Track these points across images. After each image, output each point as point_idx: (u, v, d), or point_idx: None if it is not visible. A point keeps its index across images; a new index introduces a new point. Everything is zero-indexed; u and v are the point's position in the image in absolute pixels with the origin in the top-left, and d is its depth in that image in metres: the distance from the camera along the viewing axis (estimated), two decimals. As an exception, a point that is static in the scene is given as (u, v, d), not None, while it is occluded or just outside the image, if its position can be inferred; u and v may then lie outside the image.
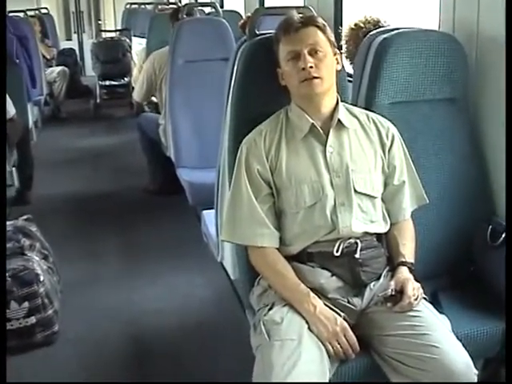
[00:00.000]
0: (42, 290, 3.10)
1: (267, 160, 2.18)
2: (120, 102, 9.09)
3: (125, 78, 8.92)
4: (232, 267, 2.66)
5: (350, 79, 2.62)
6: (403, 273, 2.12)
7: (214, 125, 2.95)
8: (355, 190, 2.16)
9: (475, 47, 2.60)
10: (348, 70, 2.67)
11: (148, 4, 10.23)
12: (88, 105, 9.23)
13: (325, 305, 2.06)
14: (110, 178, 6.02)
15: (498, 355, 2.23)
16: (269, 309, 2.09)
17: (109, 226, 4.75)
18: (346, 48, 3.03)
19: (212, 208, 3.01)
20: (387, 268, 2.20)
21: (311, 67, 2.12)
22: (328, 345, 1.97)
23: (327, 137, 2.19)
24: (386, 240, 2.27)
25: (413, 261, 2.19)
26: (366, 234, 2.18)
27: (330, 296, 2.11)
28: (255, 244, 2.18)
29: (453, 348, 1.92)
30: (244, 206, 2.18)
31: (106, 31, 11.30)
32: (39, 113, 7.99)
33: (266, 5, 5.90)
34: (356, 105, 2.44)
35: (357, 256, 2.12)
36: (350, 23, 3.04)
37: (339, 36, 3.19)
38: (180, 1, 9.50)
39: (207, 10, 5.84)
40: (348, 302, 2.12)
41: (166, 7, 7.63)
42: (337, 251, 2.13)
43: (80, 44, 13.19)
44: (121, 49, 8.87)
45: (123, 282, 3.80)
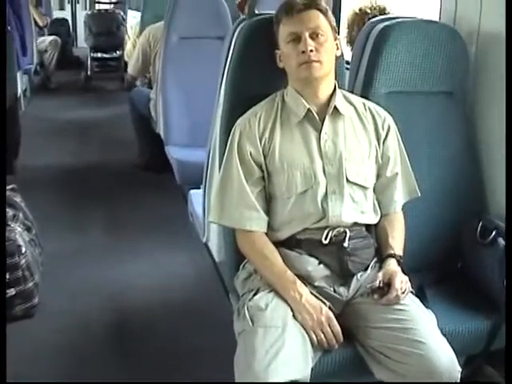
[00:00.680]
0: (23, 262, 3.07)
1: (260, 143, 2.15)
2: (111, 75, 9.05)
3: (117, 52, 8.86)
4: (217, 249, 2.64)
5: (348, 66, 2.58)
6: (391, 265, 2.10)
7: (206, 104, 2.92)
8: (347, 180, 2.14)
9: (475, 41, 2.57)
10: (347, 57, 2.64)
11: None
12: (79, 76, 9.15)
13: (311, 293, 2.04)
14: (98, 151, 5.99)
15: (482, 352, 2.22)
16: (253, 294, 2.07)
17: (95, 200, 4.71)
18: (348, 33, 3.00)
19: (199, 188, 2.98)
20: (375, 259, 2.18)
21: (311, 51, 2.09)
22: (312, 333, 1.95)
23: (322, 123, 2.16)
24: (376, 231, 2.25)
25: (401, 253, 2.17)
26: (356, 224, 2.16)
27: (317, 284, 2.09)
28: (243, 227, 2.15)
29: (438, 344, 1.90)
30: (234, 188, 2.15)
31: (101, 3, 11.19)
32: (28, 82, 7.93)
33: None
34: (352, 92, 2.41)
35: (345, 245, 2.10)
36: (354, 8, 3.01)
37: (338, 21, 3.16)
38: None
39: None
40: (334, 291, 2.10)
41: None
42: (325, 239, 2.11)
43: (73, 14, 13.08)
44: (115, 22, 8.81)
45: (106, 257, 3.77)
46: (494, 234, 2.29)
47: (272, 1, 2.44)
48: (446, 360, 1.87)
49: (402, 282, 2.04)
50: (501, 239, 2.26)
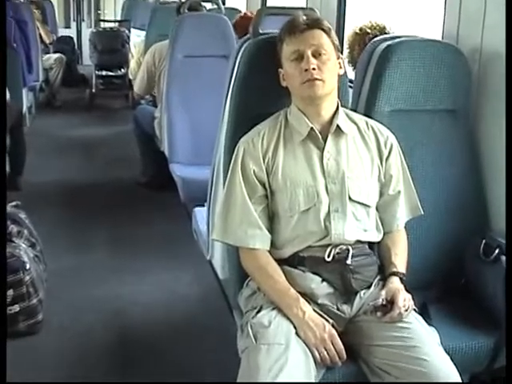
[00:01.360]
0: (28, 279, 3.07)
1: (264, 161, 2.16)
2: (116, 93, 9.06)
3: (122, 69, 8.87)
4: (221, 267, 2.64)
5: (351, 85, 2.60)
6: (394, 283, 2.10)
7: (210, 122, 2.93)
8: (350, 198, 2.14)
9: (478, 60, 2.59)
10: (350, 75, 2.65)
11: (149, -4, 10.19)
12: (83, 94, 9.18)
13: (314, 310, 2.04)
14: (102, 169, 5.99)
15: (485, 370, 2.22)
16: (257, 311, 2.07)
17: (98, 217, 4.71)
18: (349, 53, 3.01)
19: (203, 205, 2.99)
20: (378, 277, 2.18)
21: (314, 69, 2.10)
22: (315, 351, 1.95)
23: (325, 142, 2.18)
24: (379, 249, 2.26)
25: (404, 271, 2.17)
26: (359, 242, 2.16)
27: (320, 302, 2.09)
28: (247, 245, 2.16)
29: (441, 362, 1.90)
30: (237, 206, 2.16)
31: (106, 21, 11.23)
32: (34, 99, 7.95)
33: (268, 4, 5.88)
34: (356, 111, 2.42)
35: (348, 262, 2.11)
36: (355, 28, 3.02)
37: (342, 40, 3.18)
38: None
39: (209, 7, 5.81)
40: (337, 309, 2.10)
41: (168, 0, 7.58)
42: (328, 256, 2.11)
43: (78, 32, 13.15)
44: (120, 39, 8.82)
45: (110, 275, 3.77)
46: (497, 252, 2.30)
47: (275, 21, 2.46)
48: (450, 377, 1.87)
49: (405, 300, 2.04)
50: (504, 257, 2.26)
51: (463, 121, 2.55)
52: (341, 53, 2.30)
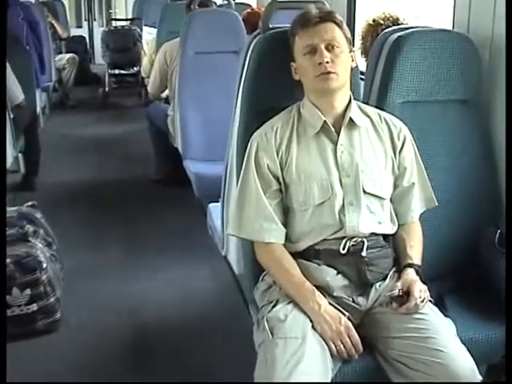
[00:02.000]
0: (45, 278, 3.09)
1: (277, 155, 2.17)
2: (129, 91, 9.09)
3: (134, 68, 8.89)
4: (236, 262, 2.64)
5: (363, 77, 2.60)
6: (410, 274, 2.10)
7: (223, 117, 2.93)
8: (364, 191, 2.14)
9: (489, 49, 2.57)
10: (361, 68, 2.65)
11: (160, -7, 10.19)
12: (96, 93, 9.20)
13: (329, 303, 2.05)
14: (116, 167, 6.01)
15: (501, 361, 2.21)
16: (273, 306, 2.08)
17: (113, 215, 4.74)
18: (362, 44, 3.01)
19: (218, 201, 2.99)
20: (394, 269, 2.19)
21: (327, 62, 2.10)
22: (331, 344, 1.95)
23: (338, 135, 2.18)
24: (393, 241, 2.25)
25: (420, 263, 2.17)
26: (373, 234, 2.16)
27: (335, 294, 2.10)
28: (262, 240, 2.16)
29: (458, 352, 1.90)
30: (252, 201, 2.16)
31: (117, 20, 11.24)
32: (47, 99, 7.98)
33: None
34: (367, 103, 2.42)
35: (363, 254, 2.11)
36: (368, 18, 3.02)
37: (353, 32, 3.17)
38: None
39: (219, 2, 5.81)
40: (353, 302, 2.11)
41: (179, -3, 7.57)
42: (343, 249, 2.11)
43: (90, 32, 13.16)
44: (131, 38, 8.84)
45: (126, 272, 3.79)
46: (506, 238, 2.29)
47: (285, 15, 2.46)
48: (466, 368, 1.87)
49: (421, 291, 2.04)
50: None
51: (475, 110, 2.54)
52: (352, 45, 2.30)
